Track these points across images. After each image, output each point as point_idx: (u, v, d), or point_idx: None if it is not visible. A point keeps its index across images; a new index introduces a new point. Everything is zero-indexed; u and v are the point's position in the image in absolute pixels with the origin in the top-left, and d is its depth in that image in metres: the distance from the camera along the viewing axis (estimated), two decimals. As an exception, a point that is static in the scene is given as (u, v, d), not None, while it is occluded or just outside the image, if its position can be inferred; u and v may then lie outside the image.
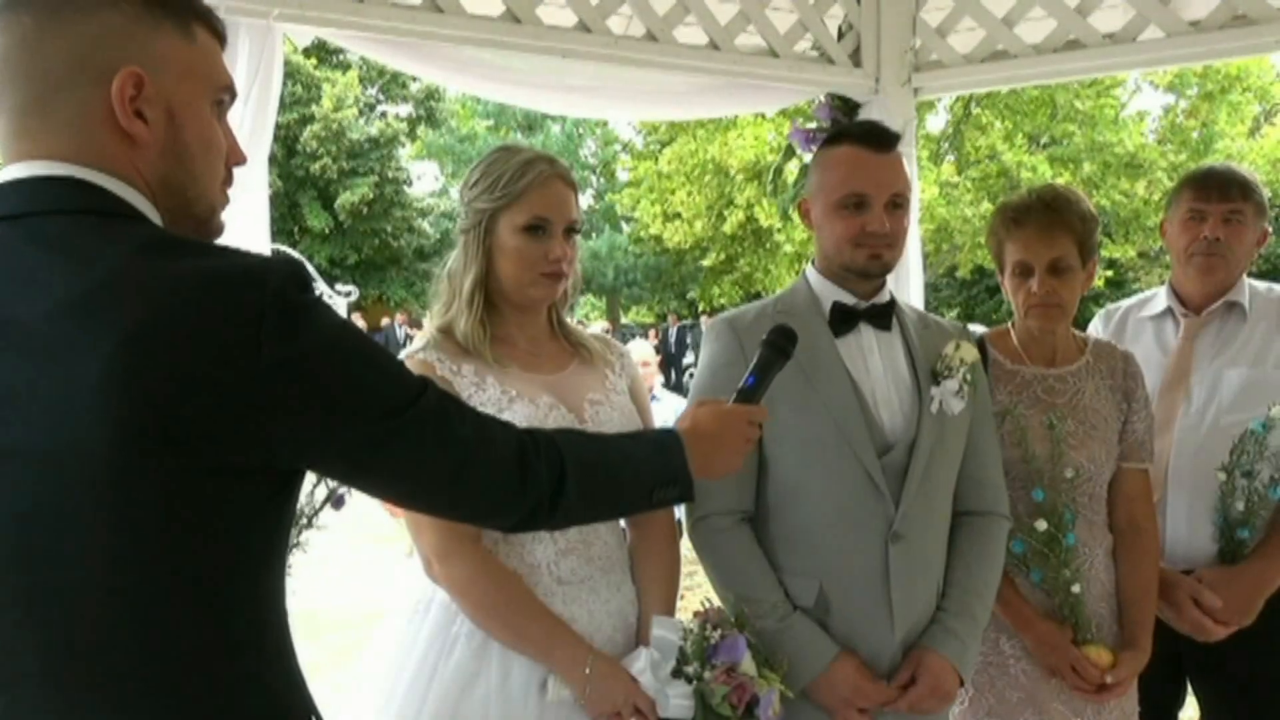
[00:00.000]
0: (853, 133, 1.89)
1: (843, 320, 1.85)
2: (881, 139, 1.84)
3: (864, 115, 3.25)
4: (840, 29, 3.29)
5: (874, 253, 1.81)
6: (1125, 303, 2.47)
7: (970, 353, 1.85)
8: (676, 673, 1.60)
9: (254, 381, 0.93)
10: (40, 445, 0.90)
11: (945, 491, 1.86)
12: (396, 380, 1.07)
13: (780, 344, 1.50)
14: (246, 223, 2.44)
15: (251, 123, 2.43)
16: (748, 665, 1.60)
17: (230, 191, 2.38)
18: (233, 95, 1.13)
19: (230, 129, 1.13)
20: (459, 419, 1.11)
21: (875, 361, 1.85)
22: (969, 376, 1.84)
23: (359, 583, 6.82)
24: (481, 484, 1.13)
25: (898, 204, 1.82)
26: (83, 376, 0.89)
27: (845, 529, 1.78)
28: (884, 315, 1.88)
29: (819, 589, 1.78)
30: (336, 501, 1.46)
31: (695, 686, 1.58)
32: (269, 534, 1.04)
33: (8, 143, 1.01)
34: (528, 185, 1.68)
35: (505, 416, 1.62)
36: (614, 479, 1.24)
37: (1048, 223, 1.98)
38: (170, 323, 0.91)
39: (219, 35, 1.10)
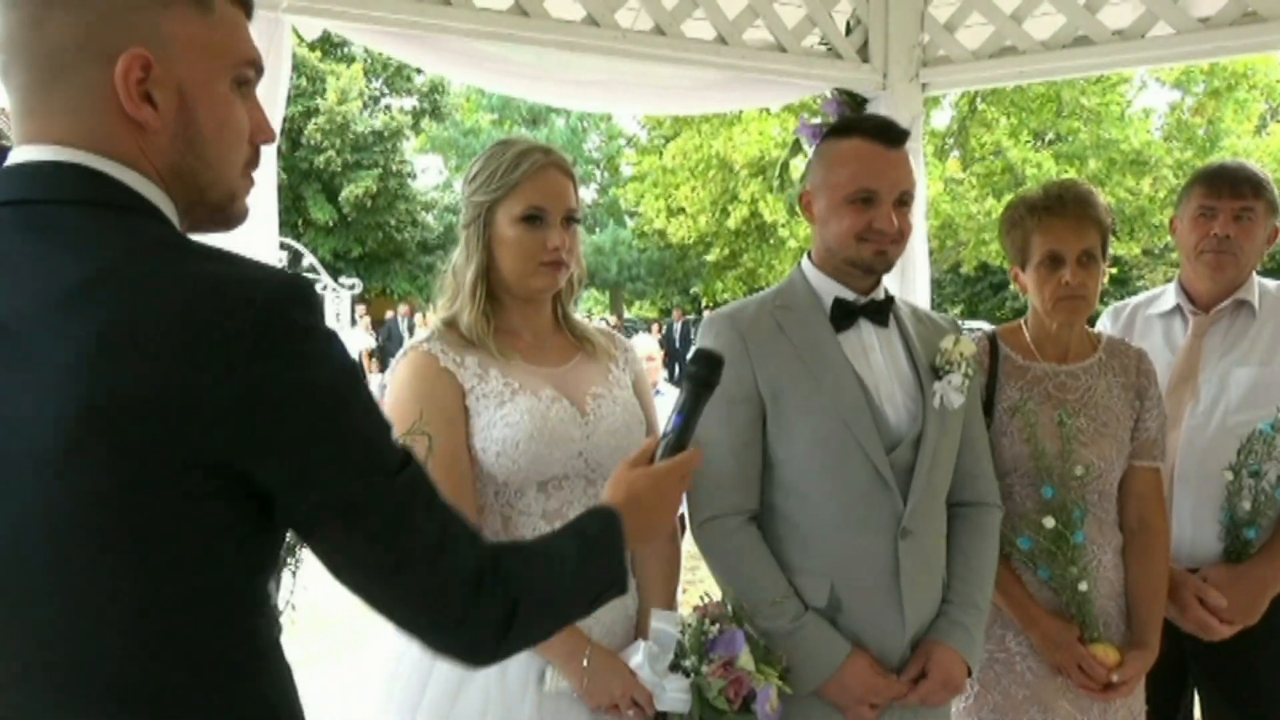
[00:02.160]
0: (864, 126, 1.87)
1: (843, 316, 1.84)
2: (893, 134, 1.83)
3: (871, 111, 3.24)
4: (848, 24, 3.27)
5: (880, 249, 1.80)
6: (1133, 300, 2.46)
7: (968, 347, 1.86)
8: (674, 666, 1.61)
9: (221, 402, 0.85)
10: (12, 448, 0.85)
11: (945, 485, 1.87)
12: (375, 446, 0.96)
13: (704, 375, 1.34)
14: (254, 216, 2.43)
15: (259, 115, 2.43)
16: (745, 660, 1.60)
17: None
18: (259, 70, 1.04)
19: (259, 105, 1.05)
20: (427, 513, 0.98)
21: (877, 357, 1.85)
22: (969, 371, 1.84)
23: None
24: (420, 591, 0.98)
25: (904, 201, 1.81)
26: (48, 376, 0.84)
27: (855, 527, 1.77)
28: (882, 311, 1.88)
29: (831, 588, 1.77)
30: None
31: (692, 680, 1.59)
32: (249, 550, 0.95)
33: (17, 121, 0.96)
34: (522, 175, 1.68)
35: (507, 409, 1.65)
36: (563, 610, 1.13)
37: (1080, 213, 1.98)
38: (145, 326, 0.85)
39: (243, 4, 1.02)
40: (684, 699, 1.58)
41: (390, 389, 1.72)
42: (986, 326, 2.15)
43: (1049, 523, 1.92)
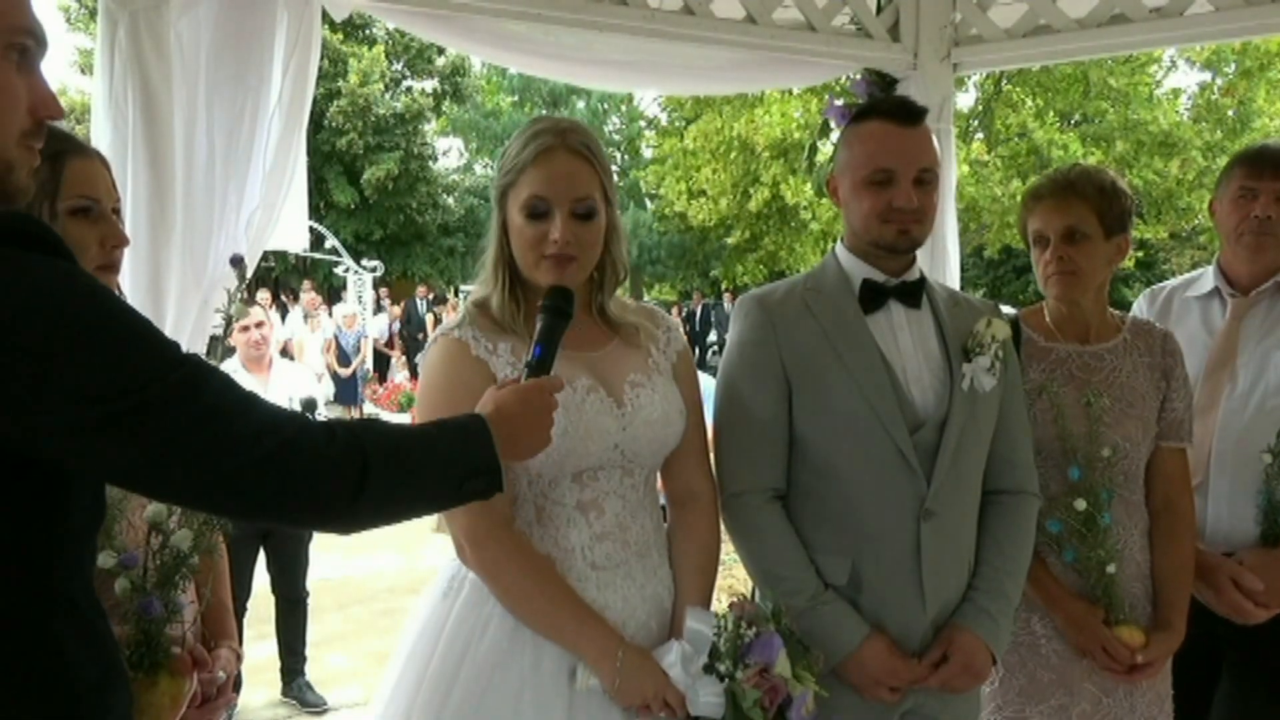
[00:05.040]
0: (879, 107, 1.88)
1: (873, 298, 1.85)
2: (909, 112, 1.83)
3: (902, 91, 3.20)
4: (879, 3, 3.24)
5: (902, 228, 1.80)
6: (1171, 282, 2.43)
7: (1002, 329, 1.85)
8: (708, 668, 1.56)
9: None
10: None
11: (976, 469, 1.86)
12: (133, 359, 0.95)
13: (559, 305, 1.46)
14: (285, 199, 2.46)
15: (290, 97, 2.44)
16: (782, 665, 1.55)
17: (266, 164, 2.40)
18: (37, 39, 1.01)
19: (41, 78, 1.02)
20: (234, 403, 1.00)
21: (906, 339, 1.85)
22: (1000, 353, 1.83)
23: (384, 555, 6.90)
24: (273, 475, 1.00)
25: (925, 179, 1.80)
26: None
27: (877, 507, 1.78)
28: (914, 293, 1.87)
29: (852, 567, 1.78)
30: None
31: (727, 685, 1.54)
32: (24, 524, 0.98)
33: None
34: (526, 160, 1.58)
35: None
36: (419, 472, 1.14)
37: (1063, 194, 2.02)
38: None
39: None
40: (718, 704, 1.53)
41: (421, 376, 1.69)
42: (1009, 310, 2.14)
43: (1080, 505, 1.91)
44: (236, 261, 1.66)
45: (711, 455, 1.89)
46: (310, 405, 1.62)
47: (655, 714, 1.57)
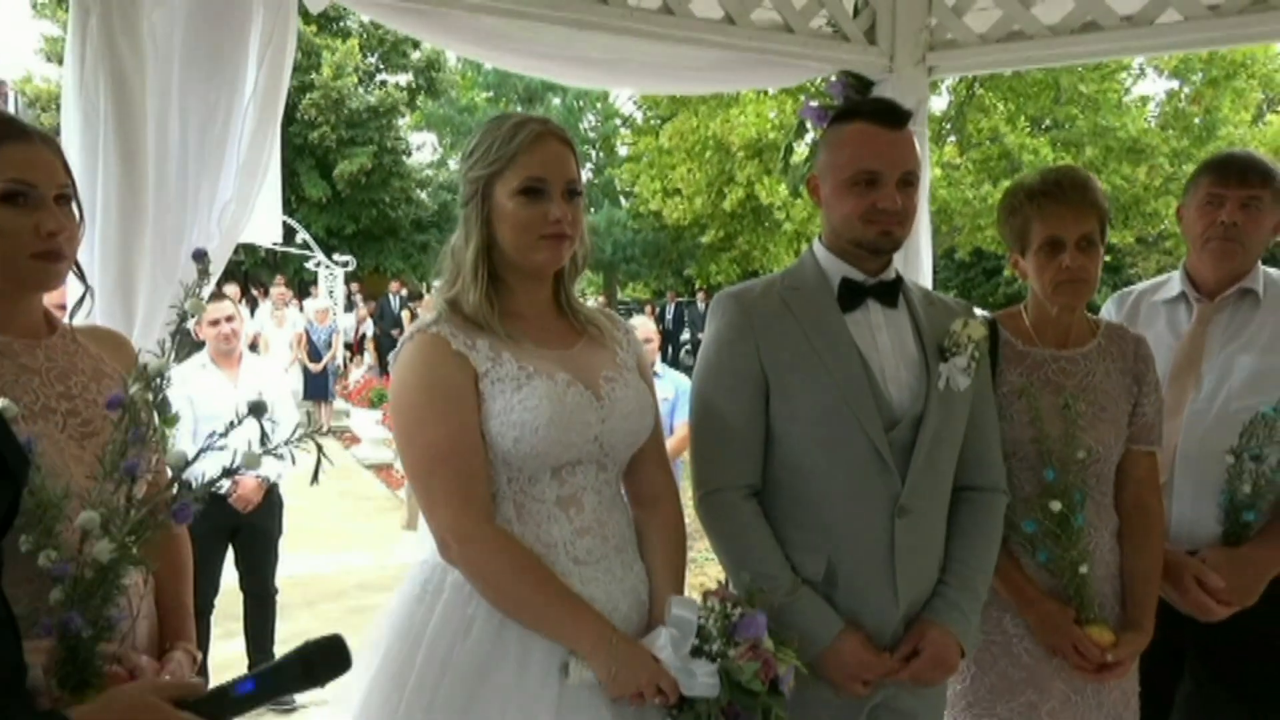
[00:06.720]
0: (865, 109, 1.89)
1: (851, 296, 1.86)
2: (894, 116, 1.84)
3: (877, 94, 3.23)
4: (856, 6, 3.26)
5: (885, 229, 1.81)
6: (1138, 287, 2.48)
7: (978, 330, 1.87)
8: (696, 651, 1.58)
9: None
10: None
11: (949, 467, 1.88)
12: None
13: (314, 663, 1.28)
14: (261, 189, 2.43)
15: (264, 89, 2.41)
16: (768, 642, 1.59)
17: (240, 157, 2.37)
18: None
19: None
20: None
21: (883, 338, 1.86)
22: (976, 353, 1.85)
23: (354, 552, 6.86)
24: None
25: (909, 181, 1.82)
26: None
27: (852, 503, 1.80)
28: (891, 292, 1.89)
29: (827, 563, 1.80)
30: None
31: (719, 664, 1.56)
32: None
33: None
34: (518, 146, 1.62)
35: (524, 392, 1.60)
36: None
37: (1079, 198, 2.00)
38: None
39: None
40: (713, 683, 1.55)
41: (395, 373, 1.67)
42: (980, 312, 2.16)
43: (1055, 506, 1.94)
44: (199, 256, 1.60)
45: (687, 452, 1.91)
46: (259, 409, 1.51)
47: (649, 701, 1.57)
